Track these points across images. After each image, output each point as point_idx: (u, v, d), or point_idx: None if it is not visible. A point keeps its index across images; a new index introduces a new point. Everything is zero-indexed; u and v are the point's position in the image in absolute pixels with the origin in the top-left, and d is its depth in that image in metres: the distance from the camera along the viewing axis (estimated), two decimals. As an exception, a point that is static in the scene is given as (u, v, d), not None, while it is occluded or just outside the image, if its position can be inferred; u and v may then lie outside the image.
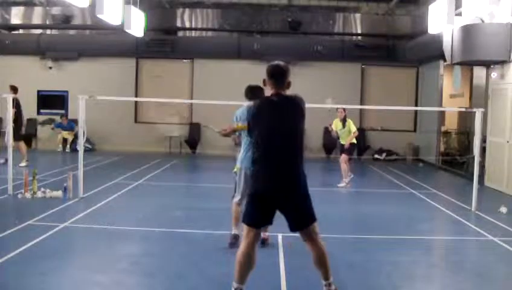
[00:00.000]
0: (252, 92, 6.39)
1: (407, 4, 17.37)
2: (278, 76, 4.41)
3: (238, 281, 4.26)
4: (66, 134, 17.39)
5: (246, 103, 6.00)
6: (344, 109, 11.46)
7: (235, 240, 5.95)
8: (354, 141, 11.49)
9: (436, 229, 8.17)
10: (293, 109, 4.32)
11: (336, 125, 11.57)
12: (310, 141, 17.94)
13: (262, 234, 5.94)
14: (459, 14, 10.96)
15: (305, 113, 4.33)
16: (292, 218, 4.27)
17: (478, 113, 8.74)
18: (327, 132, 17.67)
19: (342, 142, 11.48)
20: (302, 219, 4.27)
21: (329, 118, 16.99)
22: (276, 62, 4.55)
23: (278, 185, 4.15)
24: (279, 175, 4.16)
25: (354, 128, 11.35)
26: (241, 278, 4.25)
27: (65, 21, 18.20)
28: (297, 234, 6.90)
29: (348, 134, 11.30)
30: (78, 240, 6.62)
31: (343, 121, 11.33)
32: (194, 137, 17.97)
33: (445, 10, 10.18)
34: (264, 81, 4.42)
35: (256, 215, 4.25)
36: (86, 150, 11.69)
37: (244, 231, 4.27)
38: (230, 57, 17.74)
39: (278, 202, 4.19)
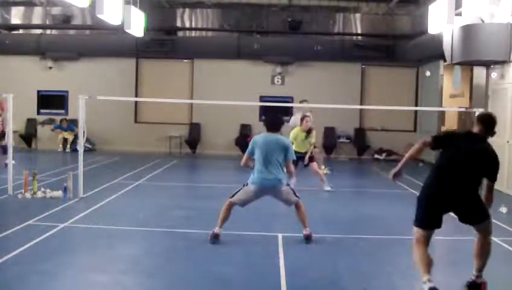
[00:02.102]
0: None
1: (407, 4, 17.36)
2: None
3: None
4: (66, 134, 17.40)
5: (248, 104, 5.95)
6: (307, 120, 10.48)
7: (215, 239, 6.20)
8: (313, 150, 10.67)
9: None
10: None
11: (297, 135, 10.39)
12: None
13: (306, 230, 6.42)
14: (459, 14, 10.96)
15: None
16: None
17: (478, 113, 8.73)
18: (327, 133, 17.81)
19: (298, 149, 9.95)
20: None
21: (330, 117, 17.11)
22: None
23: None
24: None
25: (314, 141, 10.54)
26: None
27: (65, 21, 18.20)
28: (297, 234, 6.93)
29: (308, 145, 10.39)
30: (78, 240, 6.62)
31: (308, 131, 10.36)
32: (194, 137, 17.98)
33: (445, 10, 10.18)
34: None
35: None
36: (86, 150, 11.69)
37: None
38: (230, 57, 17.75)
39: None
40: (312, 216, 8.29)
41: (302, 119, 10.48)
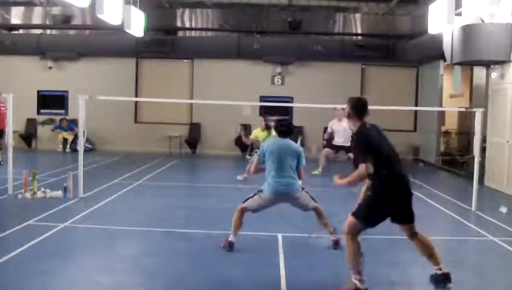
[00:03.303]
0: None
1: (407, 4, 17.37)
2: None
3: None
4: (66, 134, 17.39)
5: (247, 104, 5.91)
6: (265, 119, 11.39)
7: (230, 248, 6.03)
8: None
9: (436, 229, 8.14)
10: None
11: (259, 135, 11.32)
12: (310, 140, 17.97)
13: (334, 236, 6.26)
14: (459, 14, 10.96)
15: None
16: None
17: (478, 113, 8.74)
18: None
19: None
20: None
21: (330, 118, 17.07)
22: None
23: None
24: None
25: None
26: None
27: (65, 21, 18.19)
28: (297, 234, 6.93)
29: None
30: (78, 240, 6.62)
31: (267, 129, 11.09)
32: (194, 137, 17.98)
33: (445, 10, 10.17)
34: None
35: None
36: (86, 150, 11.68)
37: None
38: (230, 57, 17.75)
39: None
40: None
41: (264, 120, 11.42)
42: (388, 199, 4.76)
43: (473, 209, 8.71)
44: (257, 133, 11.56)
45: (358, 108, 5.03)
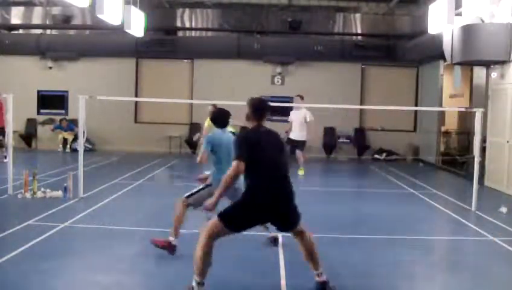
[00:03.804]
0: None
1: (407, 4, 17.37)
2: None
3: None
4: (66, 134, 17.40)
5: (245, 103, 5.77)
6: (214, 106, 10.83)
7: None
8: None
9: (436, 229, 8.17)
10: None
11: (211, 126, 10.97)
12: (310, 140, 17.96)
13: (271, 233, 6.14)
14: (459, 14, 10.96)
15: None
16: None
17: (478, 113, 8.74)
18: (327, 133, 17.82)
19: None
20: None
21: (330, 117, 17.11)
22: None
23: None
24: None
25: (230, 130, 10.96)
26: None
27: (65, 21, 18.19)
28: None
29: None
30: (78, 240, 6.62)
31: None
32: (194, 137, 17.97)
33: (445, 10, 10.16)
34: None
35: None
36: (86, 150, 11.69)
37: None
38: (230, 57, 17.75)
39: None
40: (312, 216, 8.30)
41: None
42: (253, 209, 4.52)
43: (473, 209, 8.71)
44: (209, 123, 10.94)
45: (257, 109, 4.76)
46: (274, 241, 6.25)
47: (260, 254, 6.08)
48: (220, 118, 6.33)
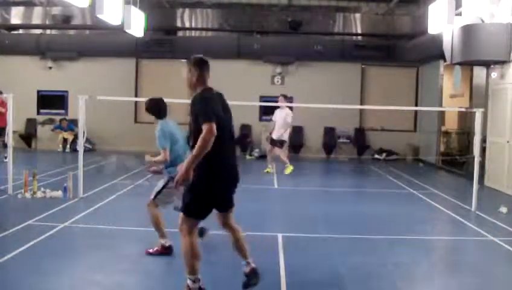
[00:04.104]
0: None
1: (407, 4, 17.36)
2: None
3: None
4: (66, 134, 17.39)
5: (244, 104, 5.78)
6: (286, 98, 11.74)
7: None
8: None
9: (436, 229, 8.16)
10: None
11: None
12: (310, 141, 17.98)
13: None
14: (459, 14, 10.96)
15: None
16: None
17: (478, 113, 8.74)
18: (327, 133, 17.83)
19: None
20: None
21: (330, 117, 17.11)
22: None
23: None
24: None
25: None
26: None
27: (65, 21, 18.19)
28: (298, 234, 6.93)
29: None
30: (78, 240, 6.62)
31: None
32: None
33: (445, 10, 10.17)
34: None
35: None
36: (86, 150, 11.69)
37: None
38: (230, 57, 17.72)
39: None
40: (312, 216, 8.30)
41: None
42: (216, 181, 4.28)
43: (473, 209, 8.71)
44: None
45: (202, 66, 4.62)
46: (201, 233, 5.86)
47: (260, 254, 6.07)
48: (157, 106, 6.17)
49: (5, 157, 11.66)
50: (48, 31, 18.62)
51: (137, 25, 13.16)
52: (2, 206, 8.26)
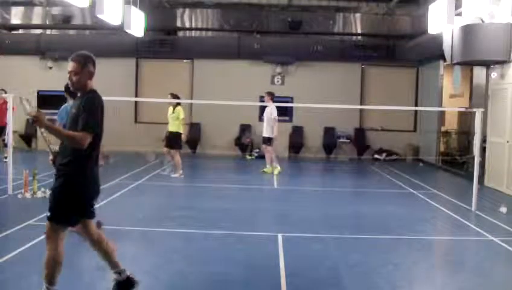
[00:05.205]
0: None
1: (407, 4, 17.37)
2: None
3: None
4: (66, 134, 17.38)
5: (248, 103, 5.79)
6: (175, 96, 12.12)
7: None
8: (180, 129, 12.13)
9: (436, 229, 8.17)
10: None
11: (168, 110, 12.24)
12: (310, 141, 17.99)
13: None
14: (459, 14, 10.96)
15: None
16: None
17: (478, 113, 8.75)
18: (327, 133, 17.83)
19: (170, 128, 12.13)
20: None
21: (330, 117, 17.12)
22: None
23: None
24: None
25: (182, 115, 12.11)
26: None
27: (65, 21, 18.20)
28: (298, 234, 6.93)
29: (175, 120, 12.00)
30: (78, 240, 6.60)
31: (174, 106, 12.06)
32: (194, 137, 17.96)
33: (445, 10, 10.17)
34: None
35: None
36: (86, 150, 11.65)
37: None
38: (230, 57, 17.75)
39: None
40: (312, 216, 8.31)
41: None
42: (85, 190, 4.12)
43: (473, 209, 8.71)
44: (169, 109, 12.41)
45: (94, 61, 4.30)
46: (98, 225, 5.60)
47: (260, 253, 6.08)
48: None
49: (5, 158, 11.67)
50: (48, 31, 18.64)
51: (137, 25, 13.17)
52: (2, 206, 8.27)
